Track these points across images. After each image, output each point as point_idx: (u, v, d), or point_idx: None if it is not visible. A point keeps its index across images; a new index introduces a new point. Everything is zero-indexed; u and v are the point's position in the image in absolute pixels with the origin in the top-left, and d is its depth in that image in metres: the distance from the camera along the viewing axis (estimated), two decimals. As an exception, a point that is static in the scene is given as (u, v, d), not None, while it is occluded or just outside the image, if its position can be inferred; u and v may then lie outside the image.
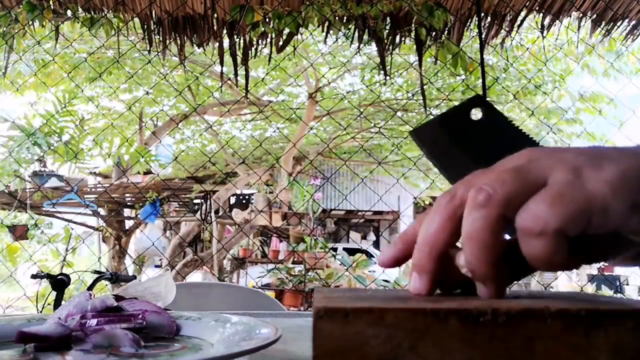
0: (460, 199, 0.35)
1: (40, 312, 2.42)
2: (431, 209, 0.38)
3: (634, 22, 3.09)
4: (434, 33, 3.14)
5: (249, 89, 3.48)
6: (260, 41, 3.22)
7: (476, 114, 0.56)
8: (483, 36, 3.06)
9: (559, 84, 5.65)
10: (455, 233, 0.35)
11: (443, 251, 0.35)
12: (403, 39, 3.23)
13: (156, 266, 9.74)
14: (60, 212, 7.61)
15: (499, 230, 0.33)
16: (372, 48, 3.59)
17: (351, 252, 7.62)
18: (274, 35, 3.13)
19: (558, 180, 0.33)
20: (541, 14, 3.14)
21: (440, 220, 0.35)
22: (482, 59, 2.91)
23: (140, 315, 0.55)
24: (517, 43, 3.36)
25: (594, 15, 3.12)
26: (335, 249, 8.77)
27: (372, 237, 12.76)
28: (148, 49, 3.15)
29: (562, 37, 3.51)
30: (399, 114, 7.10)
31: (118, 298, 0.60)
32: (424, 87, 3.59)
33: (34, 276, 1.99)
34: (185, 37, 3.17)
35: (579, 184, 0.32)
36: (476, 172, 0.37)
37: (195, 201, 7.87)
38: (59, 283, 1.83)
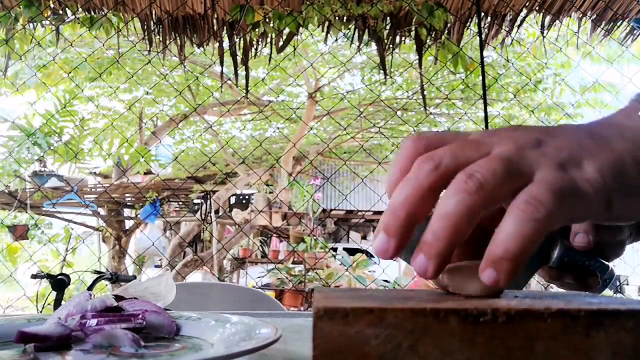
0: (445, 169, 0.34)
1: (40, 312, 2.42)
2: (404, 156, 0.38)
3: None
4: (434, 33, 3.14)
5: (249, 89, 3.48)
6: (260, 41, 3.22)
7: None
8: (483, 36, 3.06)
9: (560, 77, 5.64)
10: (433, 204, 0.35)
11: (419, 222, 0.35)
12: (403, 38, 3.23)
13: (156, 266, 9.73)
14: (60, 212, 7.61)
15: (476, 219, 0.33)
16: (372, 48, 3.58)
17: (351, 252, 7.60)
18: (274, 35, 3.13)
19: (548, 176, 0.34)
20: (541, 14, 3.15)
21: (421, 189, 0.34)
22: (482, 59, 2.91)
23: (140, 315, 0.55)
24: (516, 41, 3.35)
25: (594, 15, 3.12)
26: (335, 249, 8.75)
27: (372, 237, 12.74)
28: (148, 49, 3.15)
29: (562, 31, 3.49)
30: (398, 113, 7.09)
31: (118, 298, 0.60)
32: (424, 86, 3.59)
33: (34, 276, 1.99)
34: (185, 37, 3.17)
35: (567, 180, 0.33)
36: (462, 141, 0.37)
37: (195, 201, 7.86)
38: (59, 283, 1.83)
